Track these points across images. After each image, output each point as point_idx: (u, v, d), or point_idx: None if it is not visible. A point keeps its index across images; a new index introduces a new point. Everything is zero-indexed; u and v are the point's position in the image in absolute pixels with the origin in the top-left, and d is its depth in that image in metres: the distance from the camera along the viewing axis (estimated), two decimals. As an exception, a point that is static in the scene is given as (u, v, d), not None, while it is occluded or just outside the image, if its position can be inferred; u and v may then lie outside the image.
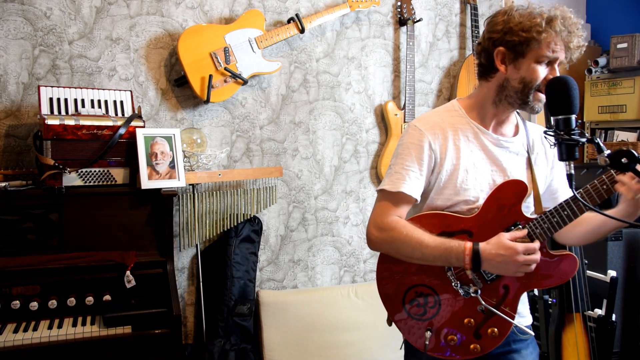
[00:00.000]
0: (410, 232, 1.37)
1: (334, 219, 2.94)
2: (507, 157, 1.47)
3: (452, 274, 1.42)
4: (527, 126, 1.54)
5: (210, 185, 2.59)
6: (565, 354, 2.37)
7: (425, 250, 1.35)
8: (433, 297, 1.43)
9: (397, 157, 1.45)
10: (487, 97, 1.45)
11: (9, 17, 2.25)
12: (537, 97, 1.37)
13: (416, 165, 1.42)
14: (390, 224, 1.40)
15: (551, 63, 1.36)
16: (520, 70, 1.37)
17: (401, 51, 3.02)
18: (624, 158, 1.16)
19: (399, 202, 1.42)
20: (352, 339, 2.73)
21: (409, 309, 1.44)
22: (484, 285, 1.41)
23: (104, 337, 1.89)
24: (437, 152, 1.42)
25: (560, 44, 1.34)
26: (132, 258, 2.05)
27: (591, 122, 3.44)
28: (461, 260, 1.33)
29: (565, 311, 2.36)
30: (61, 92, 2.18)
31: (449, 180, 1.43)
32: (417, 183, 1.42)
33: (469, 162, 1.43)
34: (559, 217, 1.36)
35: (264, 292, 2.73)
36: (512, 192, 1.41)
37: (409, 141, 1.44)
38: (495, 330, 1.40)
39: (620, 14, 3.62)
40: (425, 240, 1.35)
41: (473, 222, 1.40)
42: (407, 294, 1.44)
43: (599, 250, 2.67)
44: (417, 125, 1.45)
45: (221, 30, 2.51)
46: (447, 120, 1.46)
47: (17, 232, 2.00)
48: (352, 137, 2.95)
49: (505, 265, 1.31)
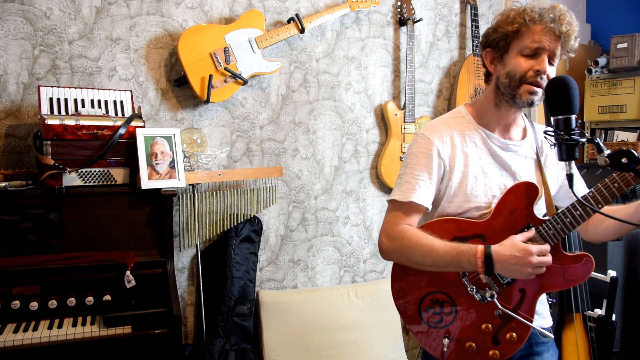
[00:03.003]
0: (421, 239, 1.36)
1: (334, 219, 2.94)
2: (516, 160, 1.46)
3: (467, 280, 1.41)
4: (536, 128, 1.54)
5: (210, 185, 2.59)
6: (565, 354, 2.37)
7: (436, 256, 1.34)
8: (449, 304, 1.42)
9: (407, 166, 1.45)
10: (488, 101, 1.46)
11: (9, 17, 2.25)
12: (524, 90, 1.36)
13: (426, 174, 1.42)
14: (400, 233, 1.40)
15: (538, 54, 1.35)
16: (507, 66, 1.38)
17: (401, 51, 3.02)
18: (624, 158, 1.16)
19: (409, 211, 1.42)
20: (352, 339, 2.73)
21: (426, 317, 1.43)
22: (500, 289, 1.40)
23: (104, 337, 1.89)
24: (445, 160, 1.43)
25: (547, 33, 1.33)
26: (132, 258, 2.05)
27: (591, 122, 3.44)
28: (473, 263, 1.31)
29: (565, 311, 2.36)
30: (61, 92, 2.18)
31: (459, 188, 1.43)
32: (427, 192, 1.42)
33: (478, 169, 1.43)
34: (571, 217, 1.35)
35: (264, 292, 2.72)
36: (524, 194, 1.40)
37: (418, 150, 1.44)
38: (514, 335, 1.39)
39: (620, 14, 3.62)
40: (436, 246, 1.35)
41: (485, 226, 1.40)
42: (423, 302, 1.43)
43: (599, 250, 2.66)
44: (425, 133, 1.45)
45: (221, 30, 2.51)
46: (455, 127, 1.46)
47: (17, 232, 2.00)
48: (352, 137, 2.95)
49: (519, 268, 1.29)
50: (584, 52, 3.54)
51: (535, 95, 1.36)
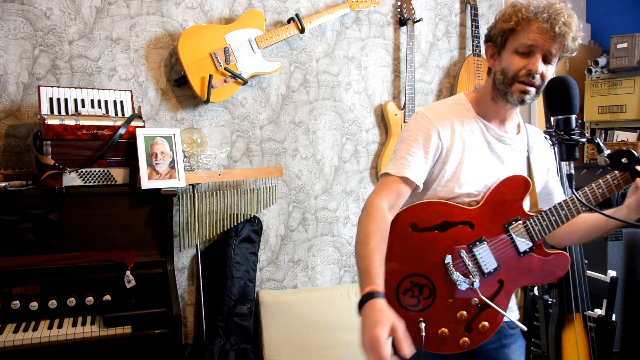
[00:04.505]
0: (372, 233, 1.29)
1: (334, 219, 2.94)
2: (510, 153, 1.47)
3: (451, 265, 1.40)
4: (527, 127, 1.55)
5: (210, 185, 2.59)
6: (565, 354, 2.36)
7: (360, 258, 1.27)
8: (428, 288, 1.40)
9: (403, 142, 1.43)
10: (487, 93, 1.46)
11: (9, 17, 2.25)
12: (516, 88, 1.35)
13: (422, 152, 1.40)
14: (374, 213, 1.33)
15: (532, 53, 1.33)
16: (502, 62, 1.38)
17: (401, 51, 3.02)
18: (624, 158, 1.17)
19: (400, 186, 1.39)
20: (352, 339, 2.73)
21: (403, 300, 1.41)
22: (481, 278, 1.41)
23: (104, 337, 1.89)
24: (444, 143, 1.41)
25: (542, 32, 1.31)
26: (132, 258, 2.05)
27: (591, 122, 3.44)
28: (360, 290, 1.23)
29: (565, 311, 2.36)
30: (61, 92, 2.18)
31: (454, 173, 1.42)
32: (421, 169, 1.40)
33: (474, 157, 1.43)
34: (557, 215, 1.40)
35: (264, 292, 2.72)
36: (516, 187, 1.42)
37: (417, 128, 1.42)
38: (485, 324, 1.40)
39: (620, 14, 3.62)
40: (369, 253, 1.26)
41: (475, 214, 1.41)
42: (402, 284, 1.41)
43: (599, 250, 2.67)
44: (426, 114, 1.44)
45: (221, 30, 2.51)
46: (455, 113, 1.46)
47: (17, 232, 2.00)
48: (352, 137, 2.95)
49: (363, 332, 1.15)
50: (584, 52, 3.55)
51: (526, 95, 1.35)
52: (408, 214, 1.40)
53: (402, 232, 1.39)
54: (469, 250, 1.40)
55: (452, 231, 1.40)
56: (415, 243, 1.40)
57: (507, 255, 1.43)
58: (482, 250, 1.41)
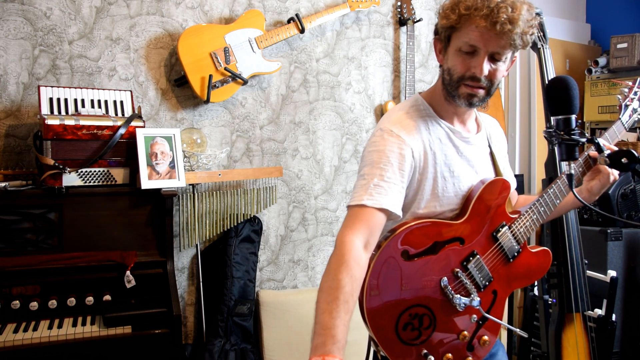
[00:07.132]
0: (343, 284, 1.13)
1: (334, 219, 2.94)
2: (476, 154, 1.41)
3: (449, 287, 1.32)
4: (482, 119, 1.47)
5: (210, 185, 2.59)
6: (565, 354, 2.36)
7: (325, 307, 1.15)
8: (428, 317, 1.32)
9: (374, 165, 1.26)
10: (439, 91, 1.35)
11: (9, 17, 2.25)
12: (463, 91, 1.26)
13: (398, 176, 1.26)
14: (346, 255, 1.15)
15: (476, 52, 1.21)
16: (448, 61, 1.27)
17: (401, 51, 3.02)
18: (624, 158, 1.17)
19: (377, 219, 1.23)
20: (352, 339, 2.71)
21: (404, 335, 1.30)
22: (479, 293, 1.37)
23: (104, 337, 1.89)
24: (417, 162, 1.30)
25: (484, 30, 1.17)
26: (132, 258, 2.05)
27: (591, 122, 3.44)
28: (309, 350, 1.13)
29: (565, 311, 2.36)
30: (61, 92, 2.18)
31: (432, 192, 1.33)
32: (400, 197, 1.27)
33: (445, 168, 1.34)
34: (537, 213, 1.42)
35: (264, 292, 2.72)
36: (498, 192, 1.38)
37: (388, 148, 1.27)
38: (486, 338, 1.38)
39: (620, 14, 3.62)
40: (335, 307, 1.14)
41: (463, 228, 1.35)
42: (401, 318, 1.29)
43: (599, 250, 2.67)
44: (394, 130, 1.29)
45: (221, 30, 2.51)
46: (420, 121, 1.34)
47: (17, 232, 2.00)
48: (352, 137, 2.95)
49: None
50: (584, 52, 3.54)
51: (474, 97, 1.26)
52: (398, 242, 1.28)
53: (395, 264, 1.28)
54: (464, 268, 1.34)
55: (443, 251, 1.32)
56: (409, 272, 1.29)
57: (498, 264, 1.40)
58: (475, 265, 1.35)
